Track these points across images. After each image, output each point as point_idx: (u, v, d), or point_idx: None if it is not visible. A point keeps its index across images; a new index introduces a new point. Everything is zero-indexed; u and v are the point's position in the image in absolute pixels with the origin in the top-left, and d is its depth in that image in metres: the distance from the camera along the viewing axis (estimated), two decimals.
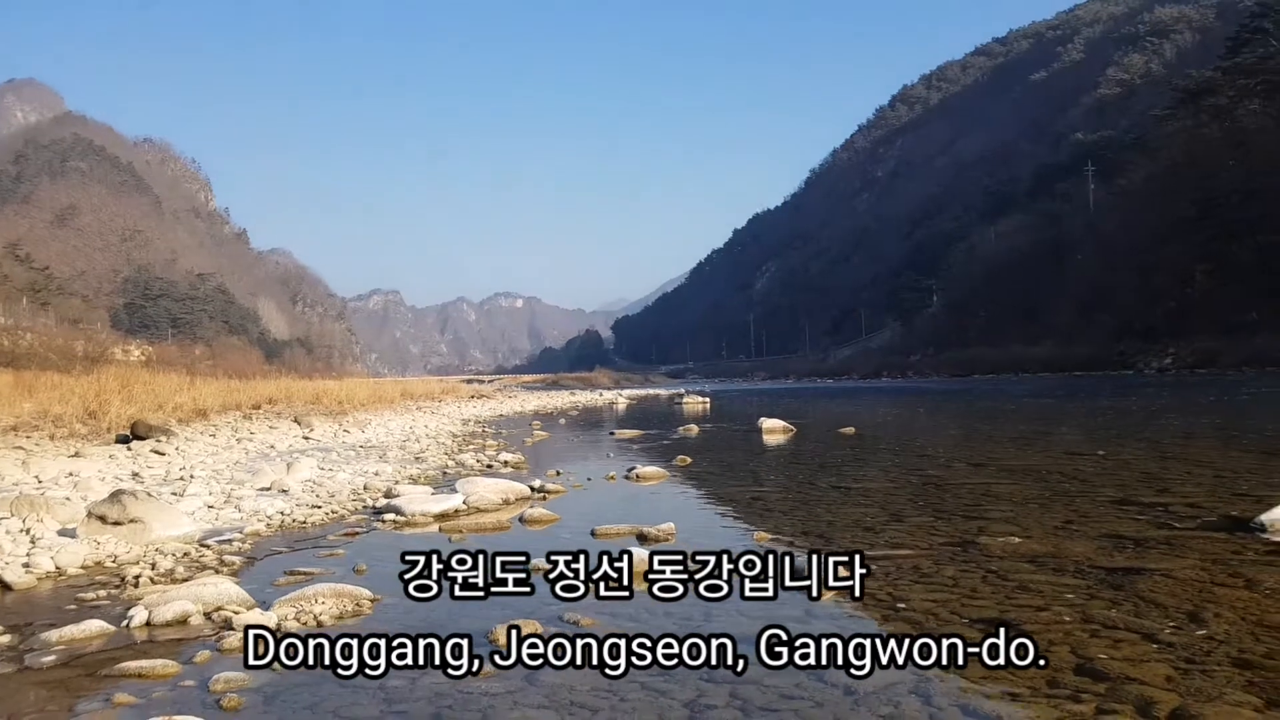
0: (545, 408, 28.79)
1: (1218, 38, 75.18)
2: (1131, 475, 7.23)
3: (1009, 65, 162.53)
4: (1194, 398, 20.79)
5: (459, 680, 2.79)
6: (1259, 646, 2.81)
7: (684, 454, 10.28)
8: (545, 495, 7.00)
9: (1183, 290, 52.45)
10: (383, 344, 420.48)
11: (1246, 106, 57.90)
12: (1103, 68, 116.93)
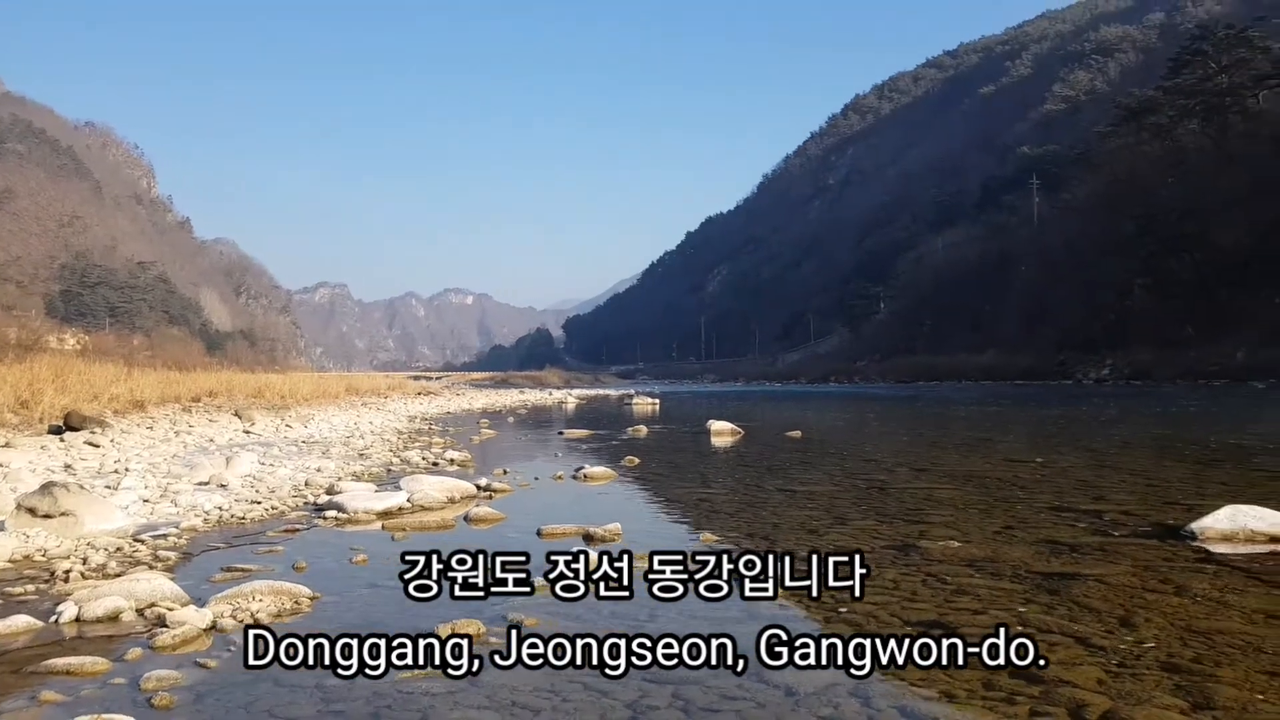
0: (494, 406, 28.60)
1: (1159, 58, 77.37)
2: (1068, 483, 7.40)
3: (959, 78, 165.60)
4: (1130, 408, 21.35)
5: (399, 680, 2.76)
6: (1187, 651, 2.89)
7: (632, 455, 10.28)
8: (492, 494, 6.95)
9: (1122, 304, 53.85)
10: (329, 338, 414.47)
11: (1186, 126, 59.69)
12: (1049, 83, 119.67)
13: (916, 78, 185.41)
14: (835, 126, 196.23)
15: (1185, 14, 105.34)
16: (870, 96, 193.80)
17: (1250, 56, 56.57)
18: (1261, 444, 11.03)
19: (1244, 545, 4.55)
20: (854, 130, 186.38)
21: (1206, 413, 18.41)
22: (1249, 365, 39.55)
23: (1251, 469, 8.21)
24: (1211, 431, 13.36)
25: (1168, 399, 25.96)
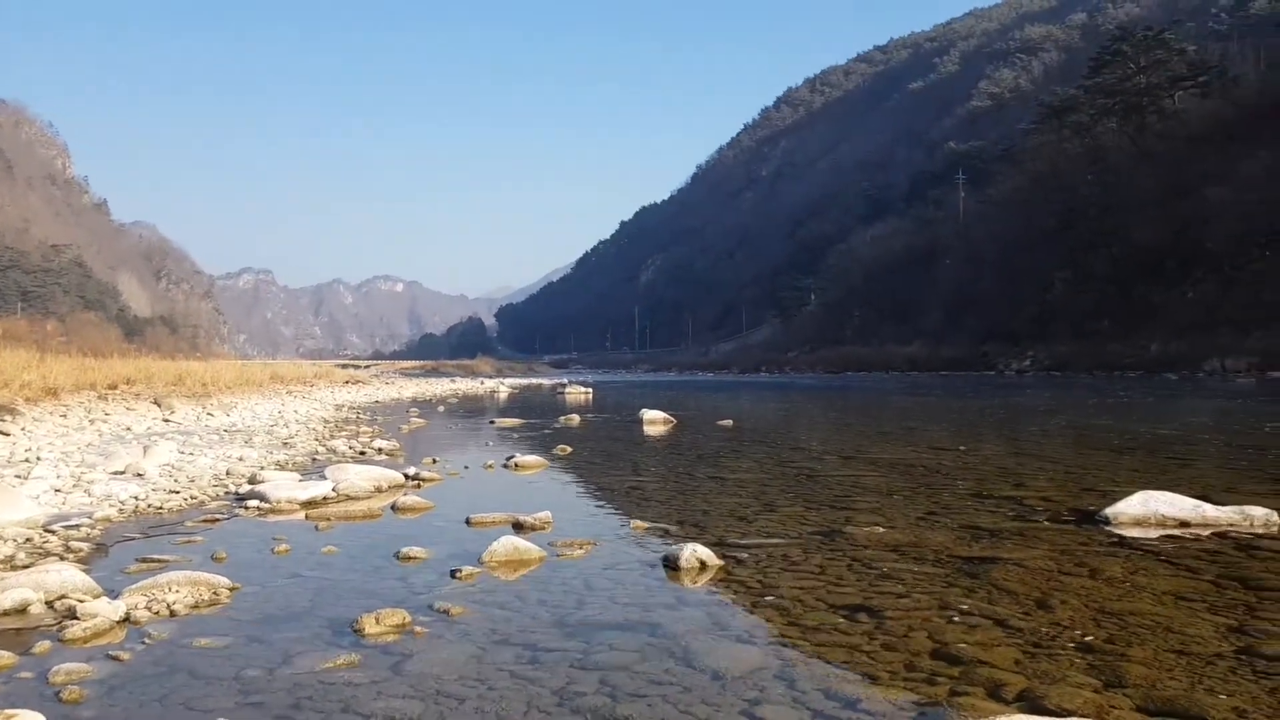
0: (424, 395, 28.24)
1: (1081, 58, 79.64)
2: (990, 470, 7.59)
3: (889, 73, 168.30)
4: (1049, 399, 22.01)
5: (321, 671, 2.70)
6: (1100, 631, 2.98)
7: (565, 443, 10.25)
8: (420, 483, 6.85)
9: (1043, 297, 55.44)
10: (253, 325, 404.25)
11: (1105, 124, 61.63)
12: (976, 80, 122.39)
13: (848, 72, 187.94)
14: (768, 119, 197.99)
15: (1106, 15, 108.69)
16: (802, 89, 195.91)
17: (1167, 58, 58.60)
18: (1172, 433, 11.47)
19: (1155, 529, 4.71)
20: (786, 123, 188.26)
21: (1121, 403, 19.09)
22: (1162, 358, 41.12)
23: (1163, 457, 8.53)
24: (1126, 421, 13.85)
25: (1085, 389, 26.84)
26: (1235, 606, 3.25)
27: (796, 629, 3.09)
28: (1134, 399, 20.42)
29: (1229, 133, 48.67)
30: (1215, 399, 20.22)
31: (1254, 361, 36.09)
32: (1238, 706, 2.31)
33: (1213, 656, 2.71)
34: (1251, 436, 10.76)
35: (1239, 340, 38.12)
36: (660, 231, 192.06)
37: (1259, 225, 42.12)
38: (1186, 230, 46.32)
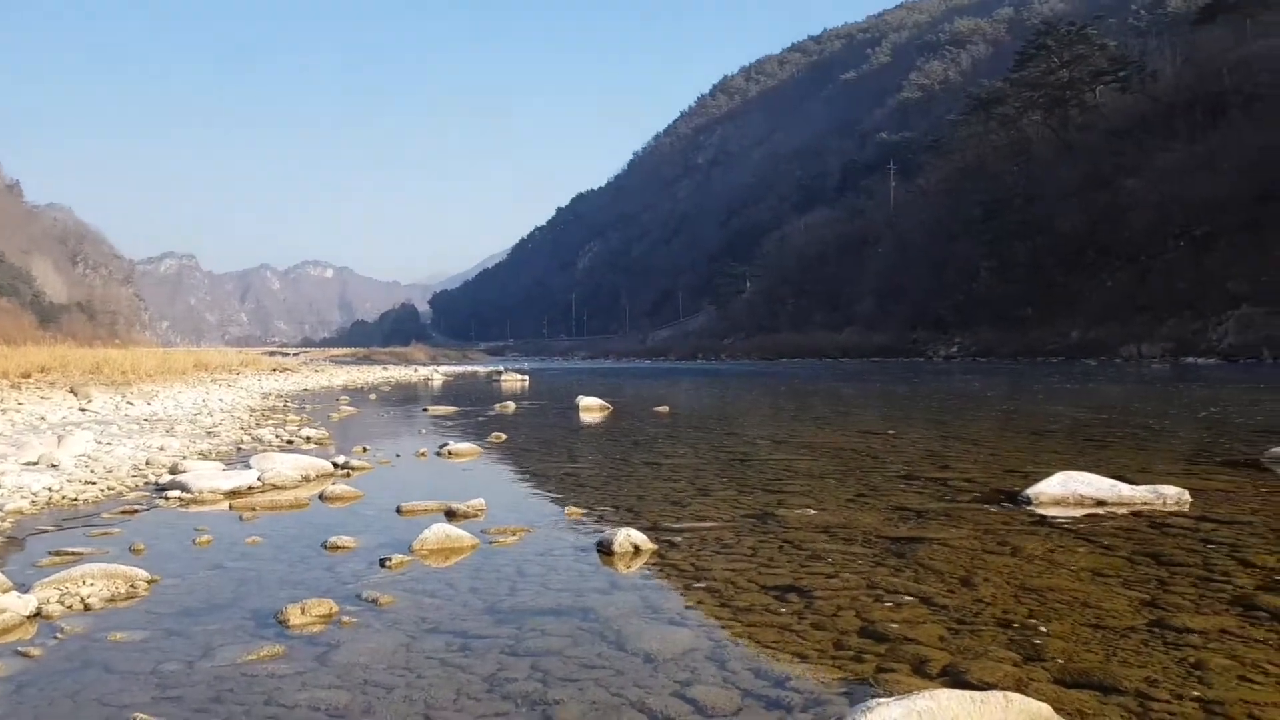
0: (355, 383, 27.77)
1: (1008, 51, 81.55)
2: (917, 453, 7.75)
3: (823, 63, 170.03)
4: (974, 384, 22.57)
5: (243, 663, 2.63)
6: (1020, 608, 3.06)
7: (499, 431, 10.17)
8: (349, 472, 6.73)
9: (969, 285, 56.77)
10: (176, 312, 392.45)
11: (1030, 117, 63.22)
12: (907, 72, 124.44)
13: (782, 61, 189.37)
14: (704, 107, 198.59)
15: (1032, 10, 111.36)
16: (738, 78, 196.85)
17: (1089, 53, 60.32)
18: (1091, 416, 11.85)
19: (1074, 508, 4.86)
20: (722, 111, 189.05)
21: (1043, 388, 19.65)
22: (1082, 344, 42.48)
23: (1082, 439, 8.80)
24: (1047, 405, 14.27)
25: (1009, 375, 27.58)
26: (1148, 581, 3.37)
27: (728, 610, 3.11)
28: (1054, 384, 21.04)
29: (1146, 126, 50.35)
30: (1131, 384, 20.95)
31: (1168, 347, 37.51)
32: (1149, 676, 2.39)
33: (1126, 629, 2.80)
34: (1164, 419, 11.17)
35: (1154, 327, 39.57)
36: (597, 218, 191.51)
37: (1173, 217, 43.70)
38: (1105, 221, 47.84)
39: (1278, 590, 3.19)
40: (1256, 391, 16.36)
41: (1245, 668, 2.45)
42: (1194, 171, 43.59)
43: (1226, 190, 40.47)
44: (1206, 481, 5.67)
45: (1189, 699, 2.25)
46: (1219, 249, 39.94)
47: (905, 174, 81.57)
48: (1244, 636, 2.71)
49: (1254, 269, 36.86)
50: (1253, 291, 36.32)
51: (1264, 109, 42.50)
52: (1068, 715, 2.12)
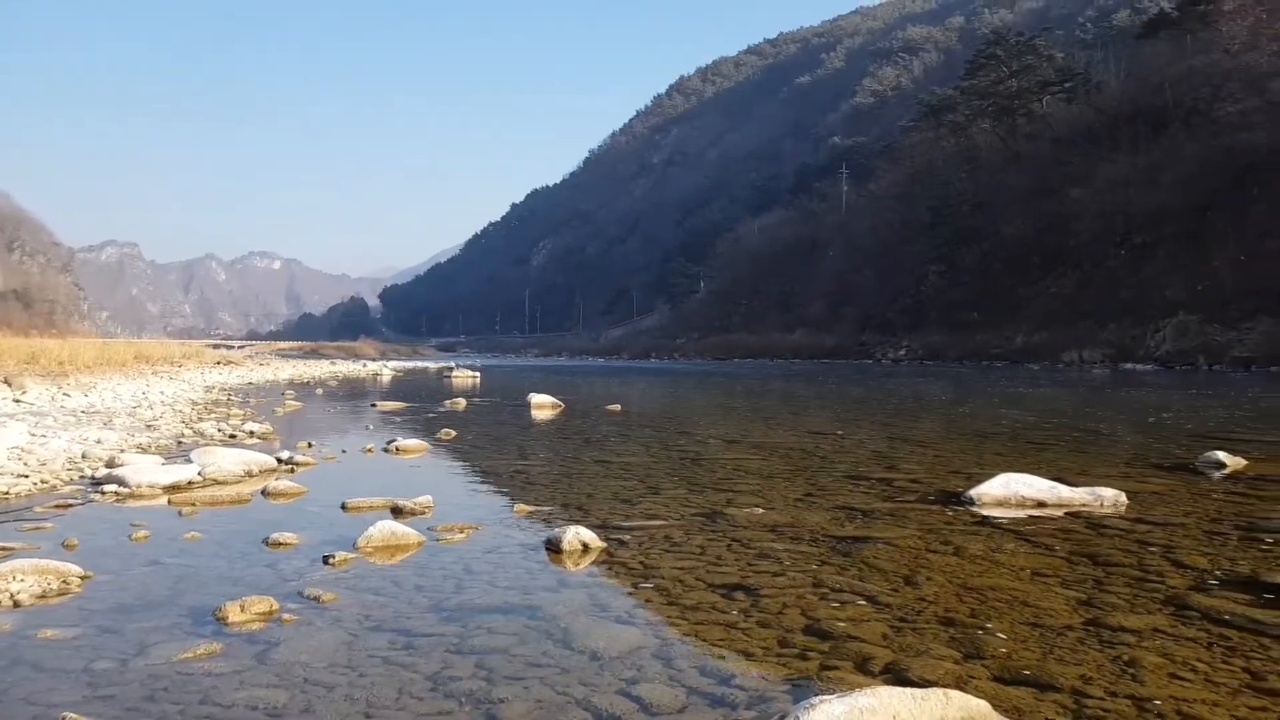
0: (301, 377, 27.35)
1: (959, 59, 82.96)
2: (865, 453, 7.84)
3: (778, 66, 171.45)
4: (922, 386, 22.91)
5: (178, 661, 2.57)
6: (962, 606, 3.11)
7: (449, 427, 10.08)
8: (294, 468, 6.61)
9: (918, 289, 57.63)
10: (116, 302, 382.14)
11: (979, 125, 64.34)
12: (860, 77, 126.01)
13: (738, 63, 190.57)
14: (660, 106, 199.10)
15: (982, 20, 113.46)
16: (694, 79, 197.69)
17: (1037, 64, 61.55)
18: (1033, 419, 12.10)
19: (1015, 509, 4.96)
20: (678, 111, 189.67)
21: (987, 391, 20.02)
22: (1026, 348, 43.34)
23: (1024, 441, 8.98)
24: (991, 408, 14.54)
25: (955, 378, 28.05)
26: (1085, 581, 3.44)
27: (676, 608, 3.12)
28: (999, 387, 21.45)
29: (1091, 137, 51.51)
30: (1072, 388, 21.44)
31: (1109, 353, 38.43)
32: (1084, 674, 2.45)
33: (1064, 628, 2.86)
34: (1104, 424, 11.44)
35: (1095, 333, 40.50)
36: (552, 215, 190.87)
37: (1116, 226, 44.80)
38: (1051, 228, 48.87)
39: (1209, 591, 3.28)
40: (1191, 397, 16.83)
41: (1176, 665, 2.51)
42: (1136, 182, 44.73)
43: (1166, 201, 41.59)
44: (1143, 484, 5.81)
45: (1122, 696, 2.30)
46: (1158, 258, 41.02)
47: (857, 178, 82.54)
48: (1176, 635, 2.78)
49: (1191, 278, 37.92)
50: (1189, 300, 37.36)
51: (1202, 123, 43.75)
52: (1005, 712, 2.16)
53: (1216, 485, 5.89)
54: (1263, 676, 2.42)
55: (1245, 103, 40.55)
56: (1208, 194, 39.85)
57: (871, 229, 67.18)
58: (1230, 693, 2.31)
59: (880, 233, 65.11)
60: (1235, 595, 3.20)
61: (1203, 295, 36.77)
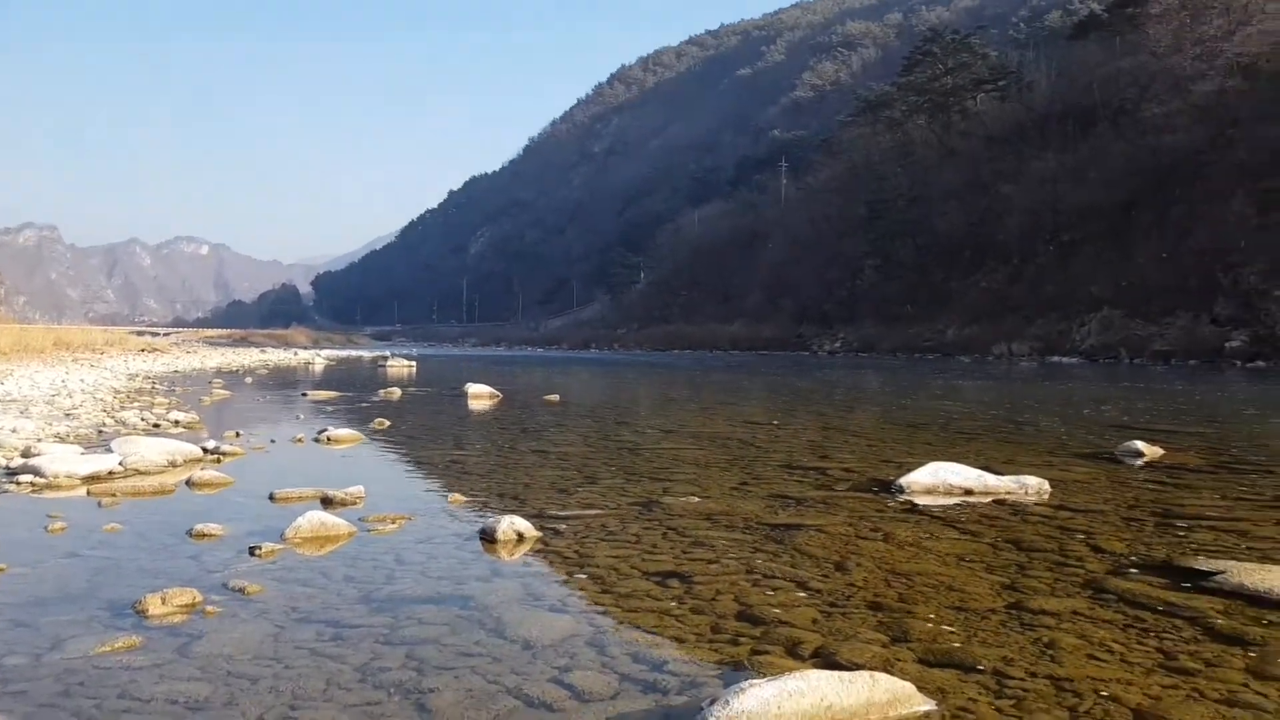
0: (230, 365, 26.72)
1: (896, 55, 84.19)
2: (799, 443, 7.94)
3: (719, 58, 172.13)
4: (858, 378, 23.28)
5: (96, 655, 2.49)
6: (890, 591, 3.17)
7: (383, 417, 9.93)
8: (220, 458, 6.45)
9: (853, 281, 58.49)
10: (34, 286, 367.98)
11: (915, 121, 65.44)
12: (800, 71, 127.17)
13: (680, 54, 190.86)
14: (601, 95, 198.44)
15: (920, 17, 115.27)
16: (636, 68, 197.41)
17: (971, 62, 62.81)
18: (962, 410, 12.38)
19: (942, 497, 5.07)
20: (620, 101, 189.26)
21: (920, 382, 20.42)
22: (957, 341, 44.31)
23: (954, 431, 9.18)
24: (922, 399, 14.84)
25: (888, 369, 28.55)
26: (1009, 566, 3.53)
27: (610, 596, 3.12)
28: (931, 379, 21.90)
29: (1023, 135, 52.76)
30: (1000, 380, 21.97)
31: (1036, 346, 39.49)
32: (1006, 656, 2.51)
33: (987, 612, 2.93)
34: (1030, 414, 11.75)
35: (1023, 327, 41.58)
36: (490, 203, 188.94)
37: (1044, 222, 46.00)
38: (982, 224, 49.99)
39: (1125, 575, 3.40)
40: (1113, 390, 17.39)
41: (1093, 646, 2.59)
42: (1064, 180, 45.96)
43: (1093, 199, 42.82)
44: (1065, 473, 5.98)
45: (1042, 676, 2.36)
46: (1084, 254, 42.22)
47: (796, 171, 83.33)
48: (1093, 618, 2.87)
49: (1115, 274, 39.12)
50: (1113, 296, 38.55)
51: (1129, 123, 45.10)
52: (930, 693, 2.20)
53: (1135, 474, 6.10)
54: (1174, 656, 2.51)
55: (1169, 104, 41.90)
56: (1132, 193, 41.13)
57: (809, 222, 67.93)
58: (1144, 672, 2.39)
59: (818, 226, 65.88)
60: (1150, 579, 3.32)
61: (1126, 291, 37.97)
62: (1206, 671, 2.39)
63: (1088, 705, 2.16)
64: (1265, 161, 35.63)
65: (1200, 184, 38.33)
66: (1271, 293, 31.96)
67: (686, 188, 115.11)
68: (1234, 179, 36.62)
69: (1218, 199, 36.84)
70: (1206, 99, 40.29)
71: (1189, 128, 40.35)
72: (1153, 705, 2.16)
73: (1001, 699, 2.21)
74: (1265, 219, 34.26)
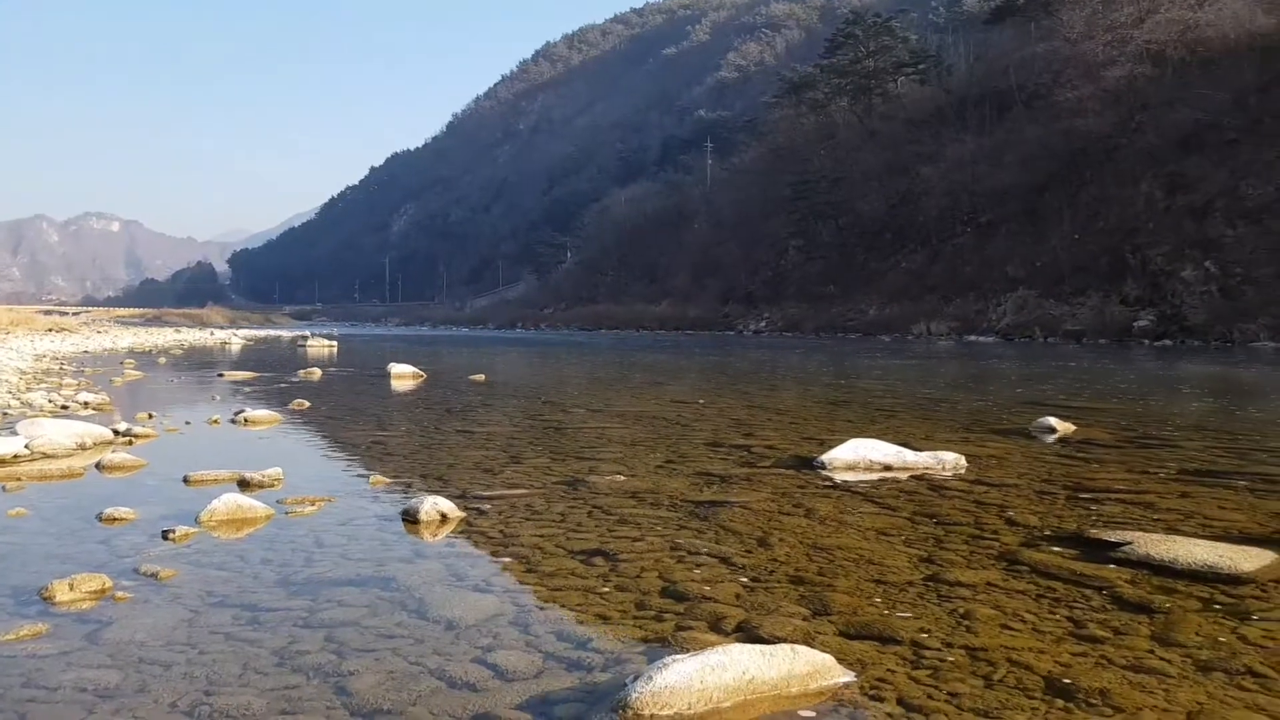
0: (143, 345, 25.82)
1: (820, 37, 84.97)
2: (724, 421, 8.02)
3: (644, 37, 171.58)
4: (781, 357, 23.59)
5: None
6: (811, 565, 3.23)
7: (303, 398, 9.71)
8: (132, 440, 6.23)
9: (778, 262, 59.13)
10: None
11: (838, 103, 66.24)
12: (725, 52, 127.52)
13: (605, 32, 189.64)
14: (526, 72, 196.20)
15: None
16: (560, 45, 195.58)
17: (892, 44, 63.78)
18: (882, 388, 12.65)
19: (863, 473, 5.17)
20: (545, 78, 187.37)
21: (842, 361, 20.79)
22: (878, 320, 45.20)
23: (874, 409, 9.38)
24: (844, 377, 15.12)
25: (813, 349, 29.01)
26: (927, 540, 3.63)
27: (535, 575, 3.11)
28: (853, 357, 22.33)
29: (941, 118, 53.84)
30: (920, 358, 22.52)
31: (954, 325, 40.54)
32: (923, 627, 2.58)
33: (905, 584, 3.00)
34: (948, 391, 12.08)
35: (942, 306, 42.63)
36: (414, 180, 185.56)
37: (962, 204, 47.12)
38: (903, 205, 50.98)
39: (1038, 546, 3.51)
40: (1028, 368, 17.96)
41: (1007, 617, 2.68)
42: (981, 162, 47.09)
43: (1009, 181, 43.99)
44: (981, 448, 6.16)
45: (957, 646, 2.43)
46: (1001, 236, 43.41)
47: (722, 152, 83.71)
48: (1007, 589, 2.96)
49: (1030, 255, 40.33)
50: (1028, 276, 39.76)
51: (1042, 106, 46.36)
52: (849, 665, 2.25)
53: (1048, 449, 6.31)
54: (1084, 625, 2.60)
55: (1081, 89, 43.14)
56: (1045, 175, 42.37)
57: (735, 202, 68.39)
58: (1055, 640, 2.48)
59: (743, 206, 66.35)
60: (1062, 550, 3.44)
61: (1040, 272, 39.19)
62: (1114, 639, 2.48)
63: (1001, 674, 2.23)
64: (1172, 146, 37.09)
65: (1110, 168, 39.71)
66: (1177, 274, 33.35)
67: (613, 167, 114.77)
68: (1142, 163, 38.02)
69: (1127, 182, 38.22)
70: (1117, 84, 41.64)
71: (1100, 112, 41.66)
72: (1063, 672, 2.24)
73: (919, 669, 2.27)
74: (1171, 202, 35.69)
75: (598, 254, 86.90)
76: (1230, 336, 29.27)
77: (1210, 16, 39.63)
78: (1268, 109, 34.51)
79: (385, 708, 2.05)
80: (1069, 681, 2.17)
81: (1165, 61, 40.58)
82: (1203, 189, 34.55)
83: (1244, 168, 33.77)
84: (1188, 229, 33.95)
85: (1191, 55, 39.50)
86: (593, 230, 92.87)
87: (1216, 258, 32.42)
